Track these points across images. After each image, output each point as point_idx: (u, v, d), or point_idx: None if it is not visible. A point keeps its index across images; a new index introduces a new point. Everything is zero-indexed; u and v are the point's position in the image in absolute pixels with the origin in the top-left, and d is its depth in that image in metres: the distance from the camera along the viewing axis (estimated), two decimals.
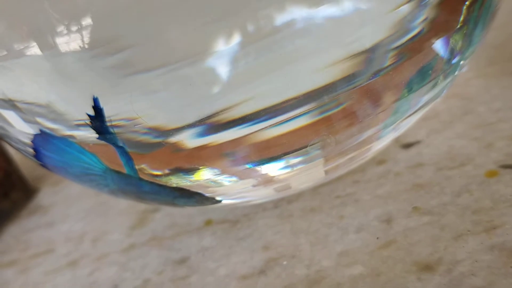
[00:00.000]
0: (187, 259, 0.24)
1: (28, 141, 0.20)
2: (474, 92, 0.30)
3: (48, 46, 0.16)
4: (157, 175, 0.20)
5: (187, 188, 0.21)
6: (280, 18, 0.16)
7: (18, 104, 0.18)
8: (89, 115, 0.17)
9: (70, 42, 0.16)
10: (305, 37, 0.17)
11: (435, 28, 0.19)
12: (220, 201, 0.22)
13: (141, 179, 0.20)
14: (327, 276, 0.20)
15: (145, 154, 0.19)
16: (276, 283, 0.21)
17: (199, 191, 0.21)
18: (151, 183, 0.20)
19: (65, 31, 0.16)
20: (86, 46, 0.16)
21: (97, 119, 0.18)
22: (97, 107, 0.17)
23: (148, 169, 0.20)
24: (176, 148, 0.19)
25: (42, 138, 0.20)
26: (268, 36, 0.16)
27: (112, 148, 0.19)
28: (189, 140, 0.18)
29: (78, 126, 0.18)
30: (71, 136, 0.19)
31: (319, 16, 0.16)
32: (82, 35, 0.16)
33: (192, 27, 0.16)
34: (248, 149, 0.19)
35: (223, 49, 0.16)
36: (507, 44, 0.35)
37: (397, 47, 0.18)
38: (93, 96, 0.17)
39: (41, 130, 0.19)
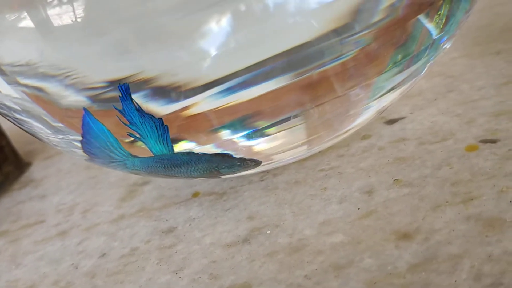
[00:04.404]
0: (174, 229, 0.25)
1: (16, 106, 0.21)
2: (458, 70, 0.30)
3: None
4: None
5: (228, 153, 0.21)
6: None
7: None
8: (116, 109, 0.19)
9: None
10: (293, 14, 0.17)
11: (417, 3, 0.19)
12: (260, 162, 0.23)
13: (176, 153, 0.21)
14: (309, 244, 0.21)
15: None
16: (259, 251, 0.22)
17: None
18: (188, 153, 0.21)
19: None
20: None
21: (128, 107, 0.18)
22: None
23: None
24: (175, 116, 0.19)
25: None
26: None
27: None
28: (205, 101, 0.19)
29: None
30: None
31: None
32: None
33: None
34: (232, 118, 0.20)
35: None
36: (492, 25, 0.35)
37: (377, 23, 0.19)
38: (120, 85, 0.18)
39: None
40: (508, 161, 0.22)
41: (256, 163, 0.22)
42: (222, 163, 0.21)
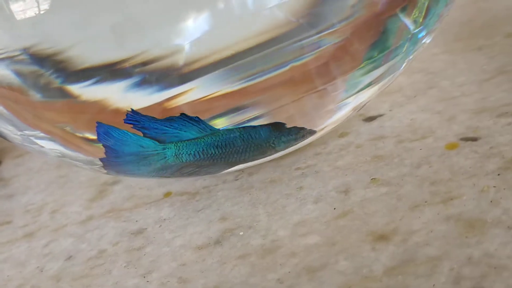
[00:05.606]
0: (143, 230, 0.24)
1: None
2: (439, 67, 0.30)
3: None
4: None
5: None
6: None
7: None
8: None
9: None
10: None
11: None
12: (315, 132, 0.22)
13: (227, 129, 0.20)
14: (283, 245, 0.20)
15: None
16: (230, 253, 0.21)
17: None
18: (238, 129, 0.20)
19: None
20: None
21: None
22: None
23: None
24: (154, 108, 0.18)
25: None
26: None
27: None
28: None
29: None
30: None
31: None
32: None
33: None
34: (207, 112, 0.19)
35: None
36: (474, 21, 0.34)
37: (350, 16, 0.18)
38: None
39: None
40: (489, 160, 0.21)
41: (311, 132, 0.22)
42: (277, 133, 0.21)
